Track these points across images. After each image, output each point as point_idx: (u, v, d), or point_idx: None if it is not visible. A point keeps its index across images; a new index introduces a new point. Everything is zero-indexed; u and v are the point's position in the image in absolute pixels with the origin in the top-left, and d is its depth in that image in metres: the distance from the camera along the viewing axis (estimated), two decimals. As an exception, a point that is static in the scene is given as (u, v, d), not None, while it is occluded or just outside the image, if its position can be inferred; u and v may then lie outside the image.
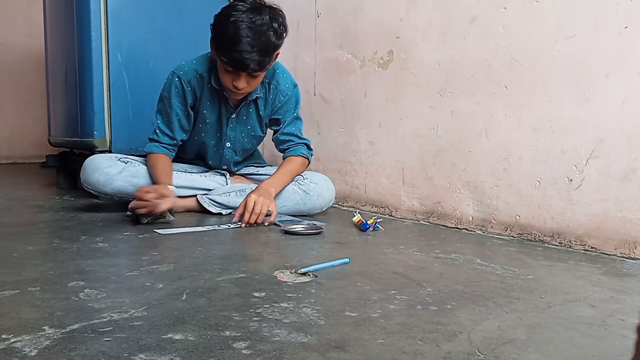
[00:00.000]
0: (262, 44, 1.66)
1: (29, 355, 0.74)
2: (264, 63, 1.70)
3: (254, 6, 1.69)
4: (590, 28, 1.45)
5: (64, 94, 2.34)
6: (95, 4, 2.13)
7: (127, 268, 1.18)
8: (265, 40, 1.67)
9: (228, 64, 1.68)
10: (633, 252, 1.39)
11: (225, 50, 1.66)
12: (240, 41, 1.63)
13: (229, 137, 1.94)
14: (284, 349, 0.78)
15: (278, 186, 1.83)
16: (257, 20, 1.66)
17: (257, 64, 1.68)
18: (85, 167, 1.84)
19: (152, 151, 1.87)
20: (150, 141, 1.89)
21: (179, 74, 1.83)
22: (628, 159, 1.40)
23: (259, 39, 1.65)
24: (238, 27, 1.64)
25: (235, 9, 1.68)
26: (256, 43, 1.65)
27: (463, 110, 1.77)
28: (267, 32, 1.67)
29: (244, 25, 1.64)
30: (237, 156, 2.01)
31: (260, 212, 1.69)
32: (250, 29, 1.64)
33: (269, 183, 1.81)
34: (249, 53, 1.64)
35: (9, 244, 1.39)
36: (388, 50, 2.01)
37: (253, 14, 1.66)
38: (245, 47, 1.64)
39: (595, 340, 0.86)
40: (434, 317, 0.93)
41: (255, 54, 1.65)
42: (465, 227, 1.77)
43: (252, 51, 1.65)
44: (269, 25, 1.68)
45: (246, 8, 1.67)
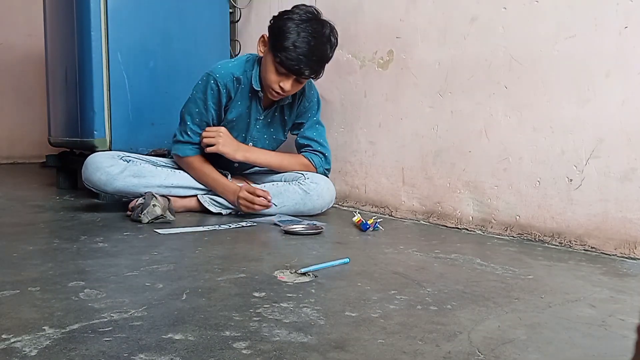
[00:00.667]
0: (320, 53, 1.75)
1: (29, 355, 0.74)
2: (317, 72, 1.79)
3: (316, 17, 1.76)
4: (590, 28, 1.45)
5: (64, 94, 2.34)
6: (95, 4, 2.13)
7: (127, 268, 1.18)
8: (324, 51, 1.76)
9: (284, 65, 1.72)
10: (633, 252, 1.39)
11: (284, 52, 1.71)
12: (303, 47, 1.70)
13: (253, 137, 1.96)
14: (284, 349, 0.78)
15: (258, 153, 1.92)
16: (319, 31, 1.74)
17: (311, 72, 1.76)
18: (87, 165, 1.84)
19: (188, 155, 1.88)
20: (178, 143, 1.89)
21: (215, 76, 1.82)
22: (628, 159, 1.40)
23: (319, 49, 1.74)
24: (300, 34, 1.71)
25: (300, 15, 1.74)
26: (316, 52, 1.73)
27: (463, 110, 1.77)
28: (326, 44, 1.76)
29: (307, 33, 1.72)
30: None
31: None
32: (313, 38, 1.72)
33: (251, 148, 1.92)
34: (308, 59, 1.72)
35: (9, 244, 1.39)
36: (388, 50, 2.01)
37: (316, 24, 1.75)
38: (306, 54, 1.71)
39: (595, 340, 0.86)
40: (434, 317, 0.93)
41: (313, 62, 1.73)
42: (465, 227, 1.77)
43: (311, 59, 1.72)
44: (327, 37, 1.76)
45: (308, 17, 1.74)
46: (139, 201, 1.71)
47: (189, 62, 2.35)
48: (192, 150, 1.87)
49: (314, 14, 1.77)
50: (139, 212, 1.69)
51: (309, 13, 1.75)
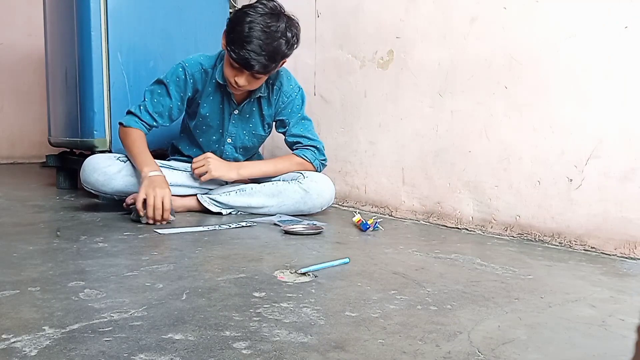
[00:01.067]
0: (272, 49, 1.69)
1: (29, 355, 0.74)
2: (269, 68, 1.73)
3: (273, 12, 1.72)
4: (590, 28, 1.45)
5: (64, 94, 2.34)
6: (95, 4, 2.13)
7: (127, 268, 1.18)
8: (276, 46, 1.70)
9: (235, 59, 1.71)
10: (633, 252, 1.39)
11: (235, 46, 1.69)
12: (252, 41, 1.67)
13: (230, 132, 1.95)
14: (284, 349, 0.78)
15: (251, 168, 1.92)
16: (272, 26, 1.69)
17: (261, 67, 1.71)
18: (85, 166, 1.85)
19: (130, 125, 1.85)
20: (128, 114, 1.88)
21: (184, 65, 1.86)
22: (628, 159, 1.40)
23: (270, 44, 1.68)
24: (252, 28, 1.67)
25: (254, 9, 1.71)
26: (266, 47, 1.68)
27: (463, 110, 1.77)
28: (279, 39, 1.70)
29: (259, 27, 1.67)
30: (237, 153, 2.01)
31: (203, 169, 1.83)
32: (263, 32, 1.68)
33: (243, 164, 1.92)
34: (257, 55, 1.67)
35: (9, 244, 1.39)
36: (388, 50, 2.01)
37: (270, 19, 1.70)
38: (255, 49, 1.67)
39: (595, 340, 0.86)
40: (434, 317, 0.93)
41: (262, 57, 1.68)
42: (465, 227, 1.77)
43: (261, 54, 1.68)
44: (282, 32, 1.71)
45: (265, 11, 1.70)
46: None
47: (189, 62, 2.35)
48: (136, 123, 1.85)
49: (274, 8, 1.73)
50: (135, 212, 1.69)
51: (268, 8, 1.71)
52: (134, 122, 1.86)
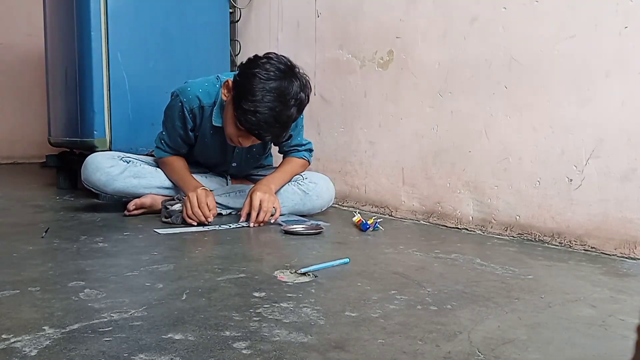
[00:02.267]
0: (285, 119, 1.57)
1: (29, 355, 0.74)
2: (280, 137, 1.66)
3: (285, 73, 1.57)
4: (590, 28, 1.45)
5: (64, 94, 2.34)
6: (95, 4, 2.13)
7: (127, 268, 1.18)
8: (289, 115, 1.57)
9: (245, 126, 1.57)
10: (633, 252, 1.39)
11: (247, 115, 1.54)
12: (265, 113, 1.53)
13: (235, 159, 1.91)
14: (284, 349, 0.78)
15: (277, 184, 1.82)
16: (287, 93, 1.55)
17: (273, 137, 1.64)
18: (87, 165, 1.83)
19: (161, 156, 1.87)
20: (156, 147, 1.89)
21: (182, 99, 1.76)
22: (628, 159, 1.40)
23: (283, 114, 1.55)
24: (265, 97, 1.53)
25: (265, 70, 1.55)
26: (280, 117, 1.55)
27: (463, 110, 1.77)
28: (291, 107, 1.57)
29: (272, 96, 1.53)
30: (243, 172, 2.01)
31: (267, 210, 1.69)
32: (280, 103, 1.54)
33: (268, 180, 1.80)
34: (270, 126, 1.56)
35: (9, 244, 1.39)
36: (388, 50, 2.01)
37: (284, 82, 1.55)
38: (269, 120, 1.54)
39: (595, 340, 0.86)
40: (434, 317, 0.93)
41: (276, 128, 1.57)
42: (465, 227, 1.77)
43: (274, 125, 1.56)
44: (295, 97, 1.57)
45: (277, 75, 1.55)
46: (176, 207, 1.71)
47: (189, 62, 2.36)
48: (166, 153, 1.87)
49: (285, 69, 1.57)
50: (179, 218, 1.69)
51: (278, 70, 1.56)
52: (164, 152, 1.87)
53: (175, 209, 1.71)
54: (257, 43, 2.61)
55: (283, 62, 1.59)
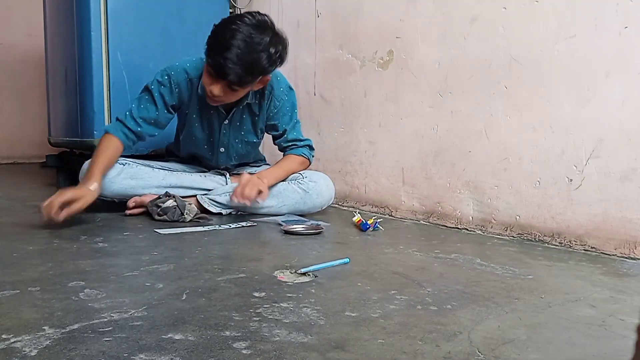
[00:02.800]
0: (250, 60, 1.61)
1: (29, 355, 0.74)
2: (245, 80, 1.65)
3: (260, 24, 1.64)
4: (590, 28, 1.45)
5: (64, 94, 2.34)
6: (95, 4, 2.13)
7: (127, 268, 1.18)
8: (255, 58, 1.62)
9: (210, 65, 1.64)
10: (633, 252, 1.39)
11: (213, 52, 1.62)
12: (230, 49, 1.59)
13: (222, 142, 1.92)
14: (284, 349, 0.78)
15: (271, 178, 1.84)
16: (256, 38, 1.61)
17: (236, 77, 1.63)
18: (84, 170, 1.82)
19: (109, 131, 1.78)
20: (116, 120, 1.81)
21: (169, 72, 1.80)
22: (628, 159, 1.40)
23: (249, 54, 1.60)
24: (234, 36, 1.60)
25: (241, 18, 1.64)
26: (244, 57, 1.60)
27: (463, 110, 1.77)
28: (260, 53, 1.62)
29: (241, 36, 1.60)
30: (232, 161, 2.01)
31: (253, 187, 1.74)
32: (244, 42, 1.60)
33: (262, 174, 1.83)
34: (233, 63, 1.59)
35: (9, 244, 1.39)
36: (388, 50, 2.01)
37: (255, 30, 1.62)
38: (232, 57, 1.59)
39: (595, 340, 0.86)
40: (434, 317, 0.93)
41: (239, 67, 1.60)
42: (465, 227, 1.77)
43: (237, 63, 1.60)
44: (265, 46, 1.62)
45: (251, 22, 1.63)
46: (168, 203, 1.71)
47: (189, 62, 2.35)
48: (116, 131, 1.77)
49: (262, 22, 1.65)
50: (175, 213, 1.70)
51: (255, 20, 1.63)
52: (114, 129, 1.78)
53: (168, 206, 1.71)
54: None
55: (260, 18, 1.65)
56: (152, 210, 1.73)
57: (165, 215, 1.70)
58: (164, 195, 1.76)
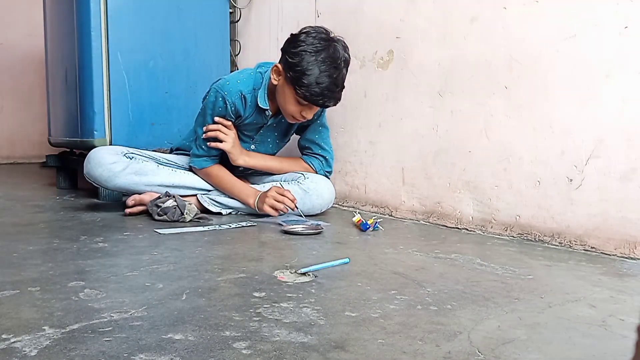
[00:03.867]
0: (341, 81, 1.73)
1: (29, 355, 0.74)
2: (340, 99, 1.77)
3: (329, 42, 1.71)
4: (590, 28, 1.45)
5: (64, 94, 2.34)
6: (95, 4, 2.13)
7: (127, 268, 1.18)
8: (342, 76, 1.73)
9: (308, 100, 1.70)
10: (633, 252, 1.39)
11: (307, 88, 1.68)
12: (326, 81, 1.67)
13: (256, 140, 1.95)
14: (284, 349, 0.78)
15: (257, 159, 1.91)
16: (337, 58, 1.70)
17: (335, 102, 1.75)
18: (89, 159, 1.84)
19: (204, 167, 1.88)
20: (195, 157, 1.89)
21: (223, 93, 1.80)
22: (628, 159, 1.39)
23: (339, 77, 1.71)
24: (321, 68, 1.67)
25: (314, 46, 1.68)
26: (337, 81, 1.70)
27: (463, 110, 1.77)
28: (343, 69, 1.73)
29: (327, 65, 1.68)
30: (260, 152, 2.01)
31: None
32: (334, 69, 1.69)
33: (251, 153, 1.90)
34: (332, 92, 1.70)
35: (9, 244, 1.39)
36: (388, 50, 2.01)
37: (332, 51, 1.69)
38: (330, 87, 1.69)
39: (595, 340, 0.86)
40: (434, 317, 0.93)
41: (336, 92, 1.72)
42: (465, 227, 1.77)
43: (335, 90, 1.71)
44: (342, 59, 1.72)
45: (323, 46, 1.69)
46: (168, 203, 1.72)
47: (189, 62, 2.36)
48: (207, 162, 1.88)
49: (326, 38, 1.72)
50: (175, 213, 1.70)
51: (322, 40, 1.70)
52: (205, 162, 1.88)
53: (168, 206, 1.71)
54: (257, 43, 2.61)
55: (321, 32, 1.73)
56: (152, 210, 1.73)
57: (165, 215, 1.70)
58: (164, 195, 1.76)
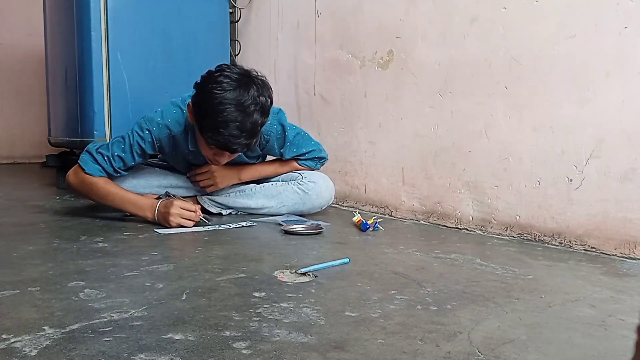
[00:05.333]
0: (250, 126, 1.55)
1: (29, 355, 0.74)
2: (251, 144, 1.62)
3: (240, 80, 1.56)
4: (590, 28, 1.45)
5: (64, 94, 2.34)
6: (95, 4, 2.13)
7: (127, 268, 1.18)
8: (253, 122, 1.56)
9: (213, 144, 1.59)
10: (633, 252, 1.39)
11: (210, 132, 1.55)
12: (228, 125, 1.52)
13: None
14: (284, 349, 0.78)
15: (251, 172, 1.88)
16: (245, 101, 1.54)
17: (244, 147, 1.61)
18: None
19: (93, 174, 1.69)
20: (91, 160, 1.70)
21: (150, 127, 1.70)
22: (628, 159, 1.39)
23: (246, 122, 1.54)
24: (225, 110, 1.52)
25: (220, 85, 1.54)
26: (243, 127, 1.54)
27: (463, 110, 1.77)
28: (254, 114, 1.55)
29: (231, 108, 1.52)
30: None
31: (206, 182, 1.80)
32: (238, 112, 1.53)
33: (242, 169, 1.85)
34: (236, 138, 1.55)
35: (9, 244, 1.39)
36: (388, 50, 2.01)
37: (239, 91, 1.54)
38: (233, 132, 1.53)
39: (595, 340, 0.86)
40: (434, 317, 0.93)
41: (243, 138, 1.56)
42: (465, 227, 1.77)
43: (240, 136, 1.55)
44: (255, 103, 1.55)
45: (232, 86, 1.54)
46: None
47: (189, 62, 2.35)
48: (100, 172, 1.70)
49: (238, 78, 1.56)
50: None
51: (232, 80, 1.55)
52: (98, 171, 1.69)
53: None
54: (257, 43, 2.61)
55: (235, 72, 1.58)
56: None
57: None
58: (164, 195, 1.76)
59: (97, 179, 1.69)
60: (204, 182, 1.84)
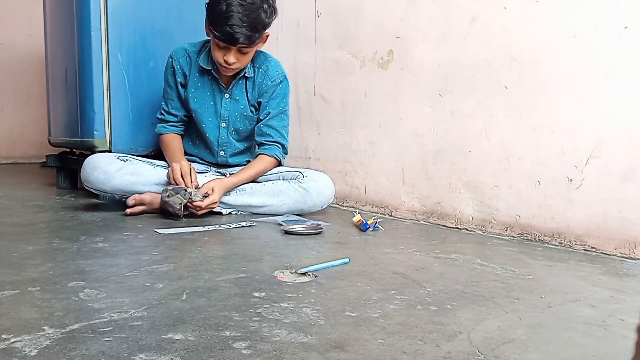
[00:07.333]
0: (252, 20, 1.77)
1: (29, 355, 0.74)
2: (253, 38, 1.80)
3: None
4: (590, 28, 1.45)
5: (64, 94, 2.34)
6: (95, 4, 2.13)
7: (127, 268, 1.18)
8: (255, 17, 1.78)
9: (220, 38, 1.78)
10: (633, 252, 1.39)
11: (217, 25, 1.76)
12: (232, 16, 1.74)
13: (224, 116, 1.99)
14: (284, 349, 0.78)
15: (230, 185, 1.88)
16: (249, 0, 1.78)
17: (246, 39, 1.78)
18: (85, 165, 1.87)
19: (161, 132, 2.03)
20: (158, 121, 2.05)
21: (172, 54, 2.00)
22: (628, 159, 1.40)
23: (249, 15, 1.76)
24: (230, 4, 1.75)
25: None
26: (246, 19, 1.76)
27: (463, 110, 1.77)
28: (257, 10, 1.78)
29: (236, 2, 1.76)
30: (231, 138, 2.02)
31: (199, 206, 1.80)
32: (241, 6, 1.76)
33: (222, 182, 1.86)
34: (239, 27, 1.75)
35: (9, 244, 1.39)
36: (388, 50, 2.01)
37: None
38: (236, 22, 1.75)
39: (595, 340, 0.86)
40: (434, 317, 0.93)
41: (245, 28, 1.76)
42: (465, 227, 1.77)
43: (242, 26, 1.75)
44: (258, 4, 1.79)
45: None
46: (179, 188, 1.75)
47: (189, 62, 2.35)
48: (165, 128, 2.03)
49: None
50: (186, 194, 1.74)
51: None
52: (163, 128, 2.03)
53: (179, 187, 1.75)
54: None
55: None
56: (163, 194, 1.74)
57: (176, 195, 1.71)
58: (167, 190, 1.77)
59: (164, 136, 2.03)
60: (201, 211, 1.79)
